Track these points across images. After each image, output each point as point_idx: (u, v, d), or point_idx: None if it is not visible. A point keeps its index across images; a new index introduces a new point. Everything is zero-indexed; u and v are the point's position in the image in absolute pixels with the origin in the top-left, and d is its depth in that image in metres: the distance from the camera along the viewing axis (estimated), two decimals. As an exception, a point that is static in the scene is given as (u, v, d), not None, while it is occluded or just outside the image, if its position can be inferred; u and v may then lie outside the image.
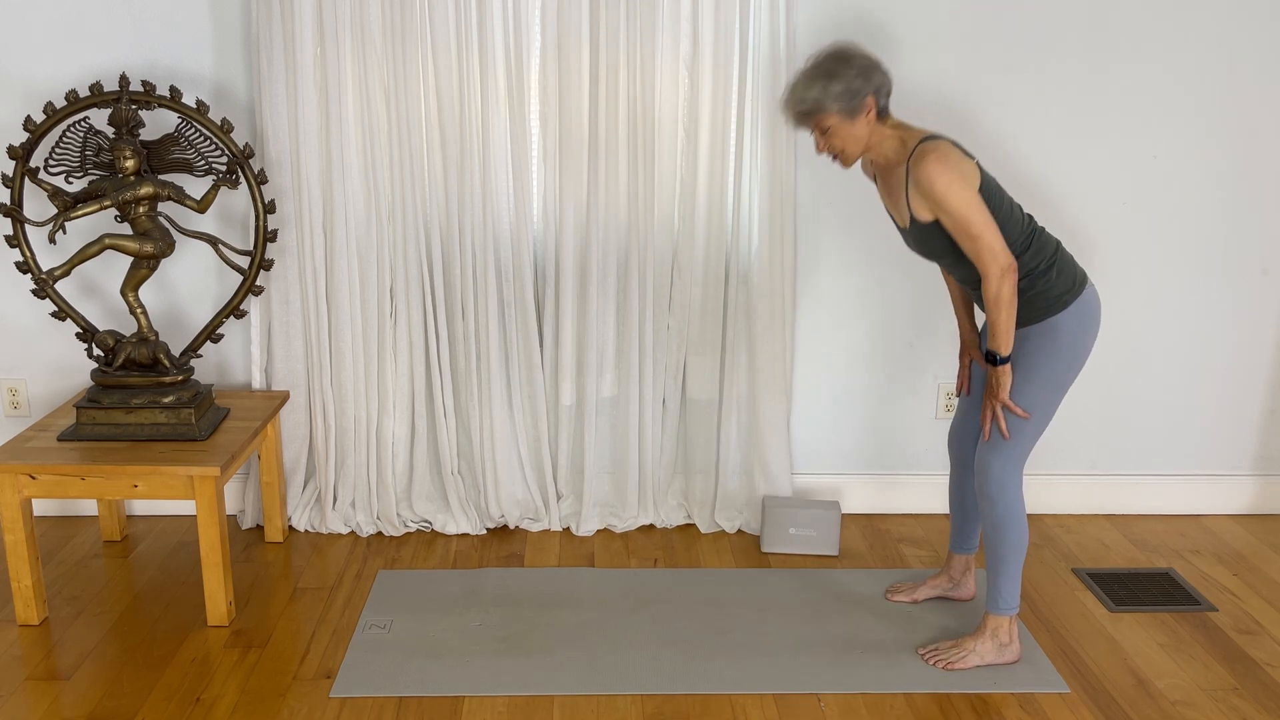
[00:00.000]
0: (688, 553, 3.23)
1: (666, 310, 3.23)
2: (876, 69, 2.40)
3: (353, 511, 3.30)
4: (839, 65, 2.37)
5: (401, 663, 2.61)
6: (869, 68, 2.38)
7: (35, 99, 3.04)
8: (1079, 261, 3.28)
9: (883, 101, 2.42)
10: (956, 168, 2.34)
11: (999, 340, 2.44)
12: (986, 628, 2.61)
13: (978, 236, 2.35)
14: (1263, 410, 3.46)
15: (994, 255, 2.36)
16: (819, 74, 2.37)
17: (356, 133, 3.03)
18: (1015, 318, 2.44)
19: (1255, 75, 3.17)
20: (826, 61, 2.38)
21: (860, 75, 2.36)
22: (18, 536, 2.69)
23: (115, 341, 2.87)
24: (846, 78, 2.36)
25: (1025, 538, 2.56)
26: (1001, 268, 2.36)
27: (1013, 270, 2.37)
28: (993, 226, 2.35)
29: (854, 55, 2.39)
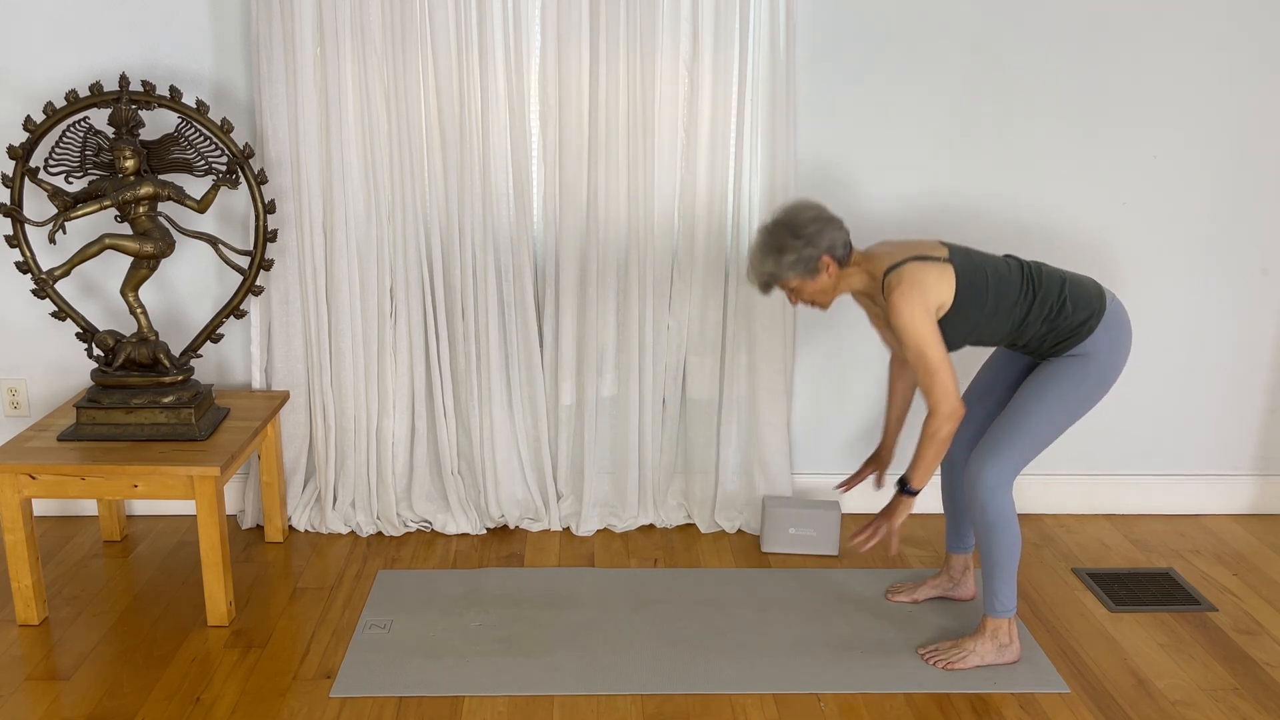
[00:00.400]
0: (688, 553, 3.23)
1: (666, 310, 3.23)
2: (825, 229, 2.46)
3: (353, 511, 3.30)
4: (788, 237, 2.45)
5: (401, 663, 2.61)
6: (817, 233, 2.45)
7: (35, 99, 3.04)
8: (1085, 270, 3.28)
9: (839, 254, 2.49)
10: (920, 300, 2.39)
11: (917, 473, 2.48)
12: (986, 629, 2.62)
13: (933, 374, 2.40)
14: (1263, 410, 3.46)
15: (946, 395, 2.41)
16: (770, 249, 2.47)
17: (356, 133, 3.03)
18: (939, 460, 2.48)
19: (1255, 75, 3.17)
20: (777, 234, 2.46)
21: (809, 244, 2.44)
22: (18, 536, 2.69)
23: (115, 341, 2.87)
24: (796, 249, 2.44)
25: (1017, 541, 2.56)
26: (950, 409, 2.41)
27: (958, 416, 2.42)
28: (948, 366, 2.40)
29: (801, 224, 2.45)
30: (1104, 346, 2.49)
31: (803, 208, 2.50)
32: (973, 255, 2.51)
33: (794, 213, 2.48)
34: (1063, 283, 2.51)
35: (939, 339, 2.40)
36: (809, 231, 2.44)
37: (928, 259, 2.45)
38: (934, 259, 2.45)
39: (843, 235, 2.49)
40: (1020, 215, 3.25)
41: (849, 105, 3.14)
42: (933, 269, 2.43)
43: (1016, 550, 2.56)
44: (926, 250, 2.48)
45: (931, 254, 2.47)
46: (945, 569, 2.92)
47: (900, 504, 2.52)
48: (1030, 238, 3.26)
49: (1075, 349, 2.49)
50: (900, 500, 2.52)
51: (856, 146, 3.17)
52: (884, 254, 2.50)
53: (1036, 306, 2.48)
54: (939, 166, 3.20)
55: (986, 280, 2.46)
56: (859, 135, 3.17)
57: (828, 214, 2.49)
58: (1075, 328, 2.47)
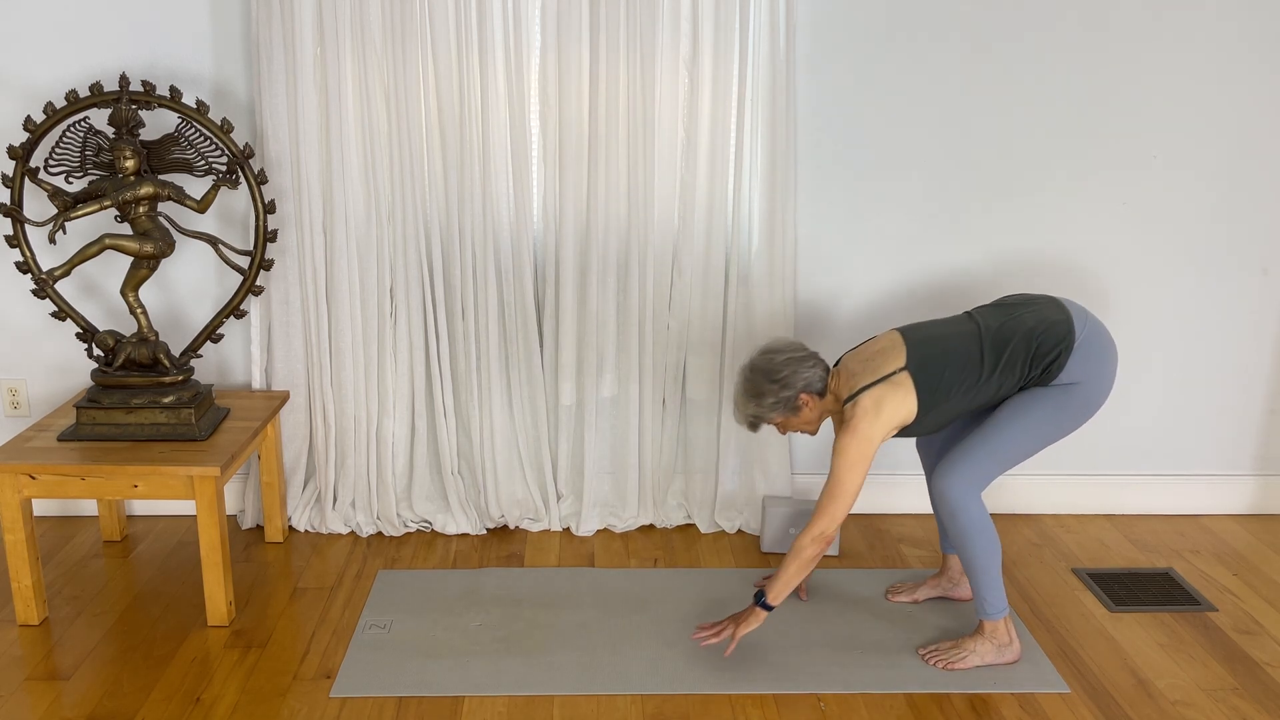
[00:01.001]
0: (688, 553, 3.23)
1: (666, 310, 3.23)
2: (800, 369, 2.56)
3: (353, 511, 3.30)
4: (764, 382, 2.57)
5: (401, 663, 2.61)
6: (792, 374, 2.56)
7: (35, 99, 3.04)
8: (1085, 269, 3.28)
9: (816, 388, 2.60)
10: (867, 435, 2.47)
11: (775, 588, 2.53)
12: (984, 631, 2.62)
13: (836, 499, 2.48)
14: (1263, 410, 3.46)
15: (832, 519, 2.48)
16: (750, 394, 2.59)
17: (356, 133, 3.03)
18: (801, 578, 2.53)
19: (1255, 75, 3.17)
20: (754, 380, 2.59)
21: (785, 386, 2.56)
22: (18, 536, 2.69)
23: (115, 341, 2.87)
24: (774, 392, 2.57)
25: (995, 543, 2.56)
26: (824, 531, 2.48)
27: (827, 541, 2.50)
28: (851, 501, 2.49)
29: (776, 368, 2.57)
30: (1081, 374, 2.50)
31: (776, 351, 2.61)
32: (931, 347, 2.53)
33: (769, 357, 2.61)
34: (1029, 333, 2.51)
35: (864, 471, 2.49)
36: (783, 375, 2.57)
37: (885, 379, 2.50)
38: (891, 375, 2.50)
39: (818, 371, 2.61)
40: (1020, 214, 3.25)
41: (849, 105, 3.14)
42: (890, 392, 2.49)
43: (995, 552, 2.56)
44: (884, 363, 2.53)
45: (889, 368, 2.51)
46: (944, 569, 2.92)
47: (752, 615, 2.56)
48: (1030, 237, 3.26)
49: (1055, 381, 2.51)
50: (754, 612, 2.56)
51: (857, 146, 3.17)
52: (849, 376, 2.58)
53: (1002, 371, 2.51)
54: (939, 166, 3.20)
55: (945, 372, 2.51)
56: (859, 135, 3.16)
57: (801, 353, 2.61)
58: (1048, 366, 2.50)
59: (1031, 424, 2.51)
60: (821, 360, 2.63)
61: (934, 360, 2.51)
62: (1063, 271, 3.30)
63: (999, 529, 3.38)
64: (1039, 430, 2.52)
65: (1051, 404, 2.51)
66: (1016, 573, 3.11)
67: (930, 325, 2.62)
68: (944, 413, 2.54)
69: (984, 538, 2.54)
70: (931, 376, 2.50)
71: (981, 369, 2.51)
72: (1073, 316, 2.54)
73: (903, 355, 2.52)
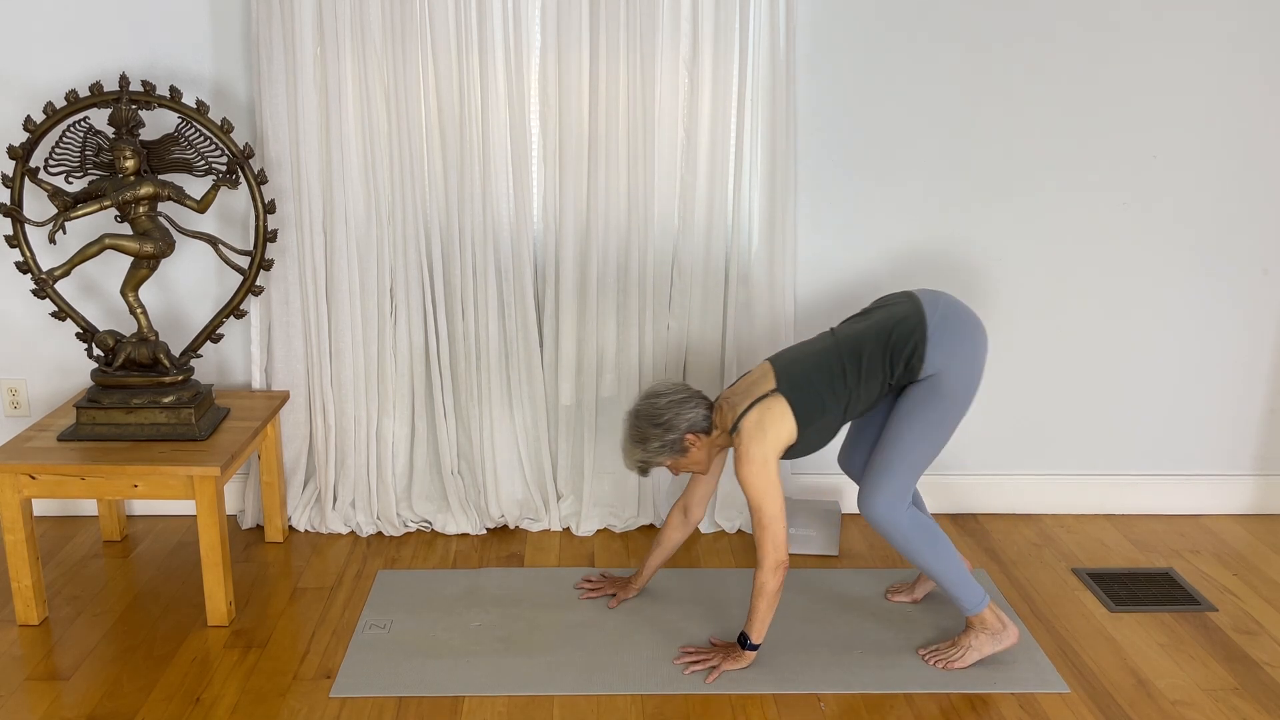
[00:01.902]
0: (688, 553, 3.23)
1: (666, 310, 3.23)
2: (682, 411, 2.57)
3: (353, 511, 3.30)
4: (648, 427, 2.58)
5: (401, 663, 2.61)
6: (675, 416, 2.57)
7: (35, 99, 3.04)
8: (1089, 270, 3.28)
9: (702, 427, 2.60)
10: (760, 455, 2.48)
11: (754, 627, 2.54)
12: (973, 625, 2.62)
13: (766, 526, 2.48)
14: (1263, 410, 3.46)
15: (775, 546, 2.48)
16: (635, 440, 2.61)
17: (356, 133, 3.03)
18: (773, 611, 2.53)
19: (1255, 75, 3.17)
20: (638, 426, 2.60)
21: (668, 429, 2.57)
22: (18, 536, 2.69)
23: (115, 341, 2.87)
24: (657, 436, 2.57)
25: (939, 542, 2.56)
26: (777, 561, 2.48)
27: (784, 567, 2.49)
28: (781, 520, 2.48)
29: (658, 412, 2.58)
30: (943, 363, 2.49)
31: (658, 395, 2.62)
32: (796, 368, 2.55)
33: (651, 401, 2.61)
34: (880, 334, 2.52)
35: (778, 491, 2.49)
36: (666, 418, 2.57)
37: (760, 400, 2.51)
38: (764, 398, 2.52)
39: (700, 410, 2.60)
40: (1020, 214, 3.25)
41: (849, 105, 3.14)
42: (768, 412, 2.50)
43: (944, 551, 2.56)
44: (758, 389, 2.55)
45: (762, 391, 2.53)
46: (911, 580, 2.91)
47: (740, 656, 2.57)
48: (1030, 237, 3.26)
49: (920, 376, 2.51)
50: (741, 653, 2.57)
51: (856, 146, 3.17)
52: (729, 408, 2.59)
53: (866, 377, 2.52)
54: (939, 165, 3.20)
55: (814, 389, 2.52)
56: (859, 135, 3.16)
57: (684, 394, 2.62)
58: (909, 363, 2.50)
59: (919, 425, 2.51)
60: (704, 399, 2.64)
61: (801, 379, 2.53)
62: (1063, 271, 3.30)
63: (999, 529, 3.38)
64: (929, 430, 2.52)
65: (927, 401, 2.51)
66: (1016, 573, 3.11)
67: (795, 348, 2.65)
68: (825, 428, 2.56)
69: (925, 544, 2.55)
70: (803, 395, 2.51)
71: (845, 380, 2.52)
72: (923, 306, 2.53)
73: (773, 379, 2.55)
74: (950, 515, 3.49)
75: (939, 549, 2.56)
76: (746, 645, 2.56)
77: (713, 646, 2.65)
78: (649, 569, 2.89)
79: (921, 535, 2.55)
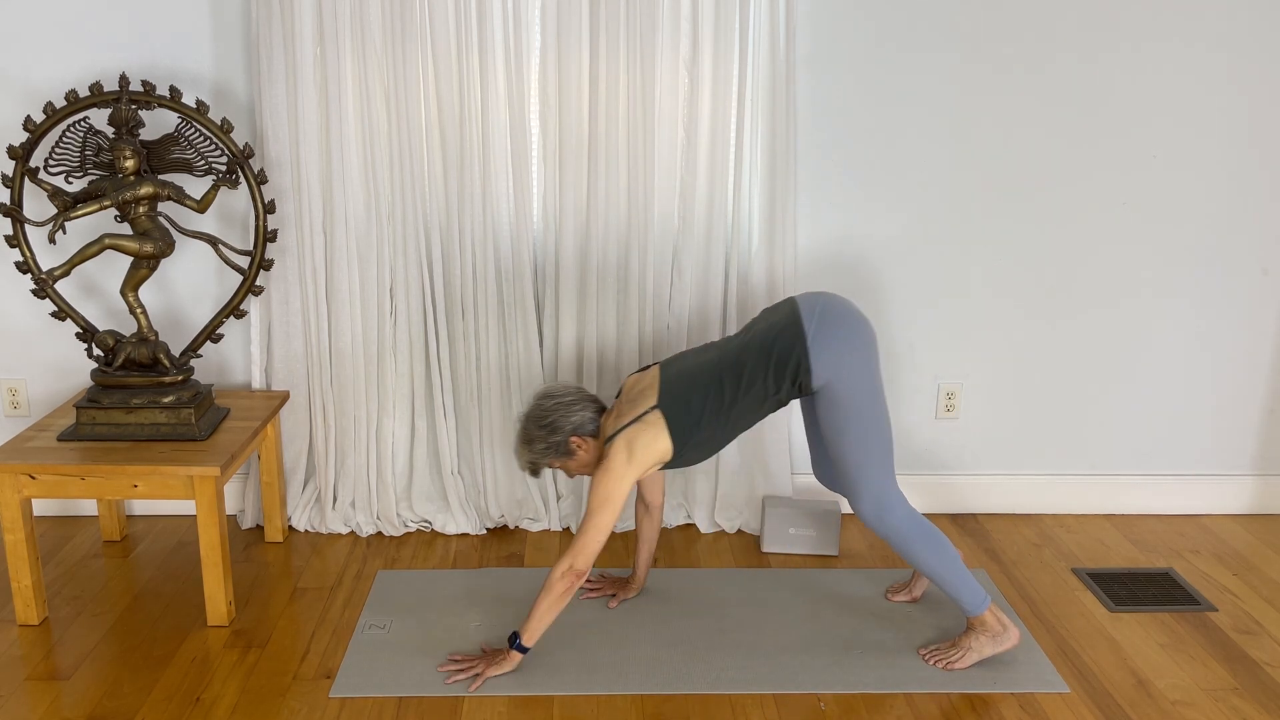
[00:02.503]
0: (688, 553, 3.23)
1: (666, 310, 3.23)
2: (569, 413, 2.59)
3: (353, 511, 3.30)
4: (534, 429, 2.60)
5: (401, 663, 2.61)
6: (561, 419, 2.59)
7: (35, 99, 3.04)
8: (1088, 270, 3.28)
9: (589, 430, 2.61)
10: (619, 475, 2.49)
11: (529, 628, 2.51)
12: (974, 626, 2.62)
13: (589, 532, 2.47)
14: (1263, 410, 3.47)
15: (583, 552, 2.47)
16: (522, 440, 2.63)
17: (356, 133, 3.03)
18: (553, 616, 2.51)
19: (1255, 75, 3.17)
20: (526, 428, 2.62)
21: (553, 432, 2.58)
22: (18, 536, 2.69)
23: (115, 341, 2.87)
24: (543, 438, 2.59)
25: (939, 542, 2.56)
26: (574, 565, 2.47)
27: (579, 577, 2.48)
28: (605, 536, 2.48)
29: (544, 414, 2.60)
30: (833, 372, 2.48)
31: (547, 396, 2.64)
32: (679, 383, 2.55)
33: (539, 403, 2.63)
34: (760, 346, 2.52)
35: (617, 507, 2.49)
36: (550, 420, 2.59)
37: (639, 419, 2.52)
38: (644, 415, 2.52)
39: (587, 413, 2.61)
40: (1019, 213, 3.25)
41: (849, 105, 3.14)
42: (640, 433, 2.51)
43: (945, 550, 2.56)
44: (642, 402, 2.55)
45: (643, 407, 2.54)
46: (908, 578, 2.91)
47: (505, 658, 2.54)
48: (1030, 236, 3.26)
49: (815, 385, 2.50)
50: (507, 654, 2.54)
51: (857, 146, 3.18)
52: (614, 416, 2.60)
53: (747, 391, 2.51)
54: (939, 165, 3.20)
55: (693, 405, 2.52)
56: (859, 135, 3.17)
57: (571, 396, 2.63)
58: (794, 378, 2.50)
59: (851, 433, 2.51)
60: (595, 402, 2.64)
61: (682, 395, 2.53)
62: (1063, 271, 3.30)
63: (999, 529, 3.38)
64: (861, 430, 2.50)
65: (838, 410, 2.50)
66: (1016, 573, 3.11)
67: (683, 357, 2.64)
68: (706, 443, 2.55)
69: (926, 544, 2.55)
70: (682, 411, 2.51)
71: (724, 394, 2.52)
72: (800, 314, 2.52)
73: (656, 393, 2.55)
74: (950, 515, 3.49)
75: (936, 547, 2.55)
76: (516, 645, 2.52)
77: (481, 653, 2.62)
78: (641, 566, 2.91)
79: (918, 535, 2.55)
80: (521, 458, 2.66)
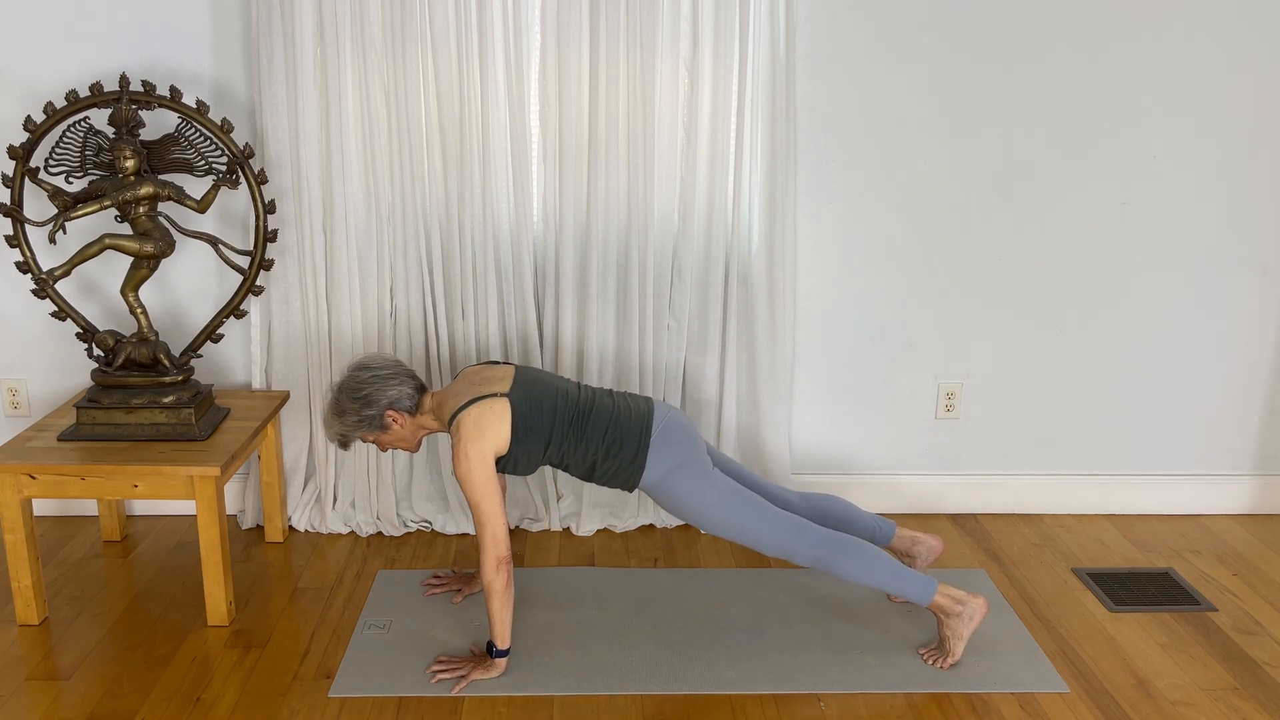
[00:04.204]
0: (688, 553, 3.23)
1: (666, 310, 3.23)
2: (385, 387, 2.56)
3: (353, 511, 3.30)
4: (346, 400, 2.56)
5: (401, 663, 2.61)
6: (376, 392, 2.55)
7: (35, 99, 3.04)
8: (1085, 269, 3.28)
9: (405, 405, 2.58)
10: (477, 450, 2.45)
11: (495, 632, 2.51)
12: (939, 616, 2.61)
13: (484, 524, 2.46)
14: (1263, 410, 3.46)
15: (495, 542, 2.46)
16: (333, 412, 2.59)
17: (356, 133, 3.03)
18: (509, 610, 2.49)
19: (1255, 75, 3.17)
20: (339, 399, 2.58)
21: (366, 404, 2.55)
22: (18, 536, 2.69)
23: (115, 341, 2.87)
24: (355, 410, 2.55)
25: (862, 552, 2.56)
26: (498, 557, 2.45)
27: (507, 563, 2.46)
28: (500, 517, 2.45)
29: (358, 385, 2.56)
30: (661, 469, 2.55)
31: (363, 368, 2.60)
32: (534, 388, 2.57)
33: (355, 374, 2.59)
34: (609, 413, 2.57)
35: (494, 488, 2.46)
36: (365, 393, 2.55)
37: (485, 398, 2.51)
38: (490, 396, 2.51)
39: (405, 389, 2.58)
40: (1019, 213, 3.25)
41: (849, 105, 3.14)
42: (490, 409, 2.50)
43: (865, 555, 2.56)
44: (489, 387, 2.55)
45: (491, 390, 2.54)
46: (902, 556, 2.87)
47: (491, 665, 2.54)
48: (1030, 236, 3.27)
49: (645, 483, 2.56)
50: (492, 662, 2.54)
51: (857, 146, 3.18)
52: (453, 396, 2.58)
53: (582, 440, 2.56)
54: (939, 165, 3.20)
55: (539, 415, 2.53)
56: (859, 135, 3.17)
57: (389, 370, 2.59)
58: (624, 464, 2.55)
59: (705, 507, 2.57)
60: (413, 378, 2.62)
61: (533, 400, 2.54)
62: (1062, 271, 3.30)
63: (999, 528, 3.39)
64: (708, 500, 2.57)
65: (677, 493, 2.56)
66: (1016, 573, 3.11)
67: (543, 373, 2.67)
68: (532, 457, 2.56)
69: (845, 558, 2.55)
70: (530, 413, 2.52)
71: (568, 428, 2.55)
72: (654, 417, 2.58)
73: (508, 385, 2.56)
74: (950, 515, 3.49)
75: (856, 559, 2.55)
76: (494, 653, 2.52)
77: (471, 655, 2.62)
78: None
79: (835, 553, 2.55)
80: (331, 429, 2.61)
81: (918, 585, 2.57)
